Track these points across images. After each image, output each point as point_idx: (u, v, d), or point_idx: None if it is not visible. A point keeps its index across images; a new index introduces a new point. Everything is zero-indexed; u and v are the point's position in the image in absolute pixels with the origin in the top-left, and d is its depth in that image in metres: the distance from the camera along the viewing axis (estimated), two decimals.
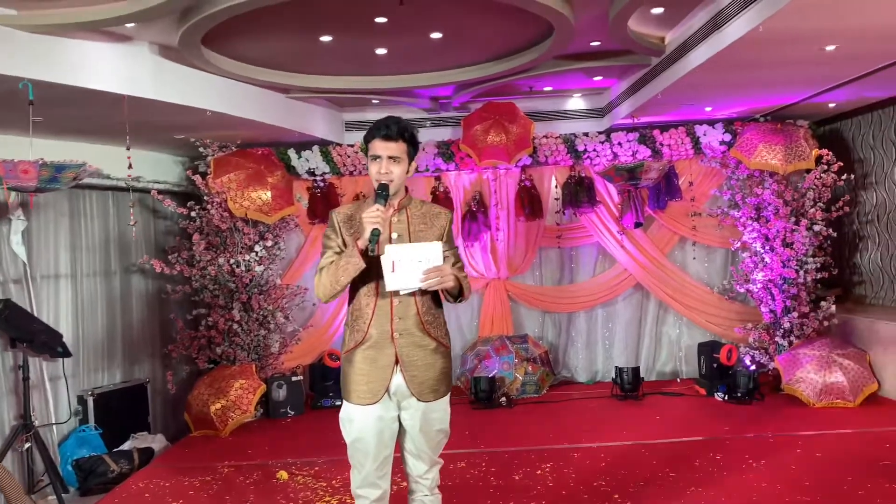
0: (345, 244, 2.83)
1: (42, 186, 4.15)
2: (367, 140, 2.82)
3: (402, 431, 2.90)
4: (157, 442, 6.00)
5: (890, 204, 6.82)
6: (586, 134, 7.13)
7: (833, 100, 6.30)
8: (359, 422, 2.82)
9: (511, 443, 5.41)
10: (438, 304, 2.93)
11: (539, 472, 4.71)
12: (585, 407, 6.52)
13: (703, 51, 4.71)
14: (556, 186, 7.39)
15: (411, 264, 2.68)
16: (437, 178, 7.29)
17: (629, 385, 6.63)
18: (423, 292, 2.81)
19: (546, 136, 7.09)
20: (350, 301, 2.91)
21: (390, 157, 2.76)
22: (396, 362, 2.79)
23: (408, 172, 2.84)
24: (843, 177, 6.53)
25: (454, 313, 7.63)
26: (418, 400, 2.81)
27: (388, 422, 2.83)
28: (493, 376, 6.72)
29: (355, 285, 2.86)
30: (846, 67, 5.06)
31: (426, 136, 7.25)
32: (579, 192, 7.23)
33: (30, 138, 4.50)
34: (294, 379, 6.69)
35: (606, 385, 7.04)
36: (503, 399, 6.61)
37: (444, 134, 7.28)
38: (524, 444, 5.36)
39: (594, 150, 7.05)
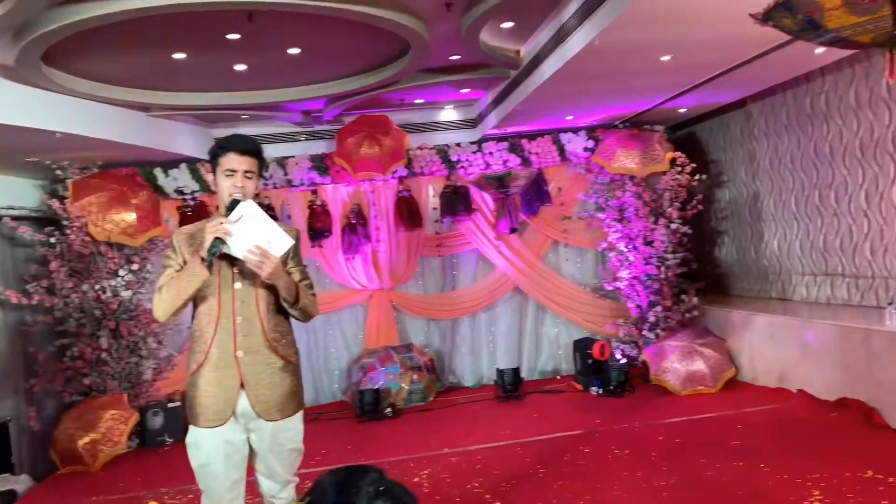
0: (185, 263, 2.76)
1: None
2: (218, 154, 2.75)
3: (252, 452, 2.86)
4: (20, 483, 5.65)
5: (741, 201, 7.36)
6: (459, 144, 7.29)
7: (682, 105, 6.74)
8: (206, 446, 2.75)
9: (393, 453, 5.43)
10: (287, 320, 2.90)
11: (417, 479, 4.76)
12: (469, 411, 6.64)
13: (552, 63, 4.94)
14: (434, 196, 7.52)
15: (252, 231, 2.63)
16: (314, 192, 7.26)
17: (510, 386, 6.81)
18: (267, 308, 2.78)
19: (420, 148, 7.20)
20: (192, 323, 2.85)
21: (246, 172, 2.74)
22: (242, 384, 2.74)
23: (256, 189, 2.82)
24: (697, 177, 6.98)
25: (338, 327, 7.62)
26: (266, 420, 2.77)
27: (236, 445, 2.78)
28: (378, 388, 6.74)
29: (196, 306, 2.80)
30: (684, 76, 5.44)
31: (300, 149, 7.23)
32: (456, 201, 7.39)
33: None
34: (171, 405, 6.47)
35: (492, 388, 7.21)
36: (389, 410, 6.64)
37: (319, 147, 7.27)
38: (406, 453, 5.40)
39: (467, 159, 7.22)
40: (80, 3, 3.74)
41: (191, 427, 2.80)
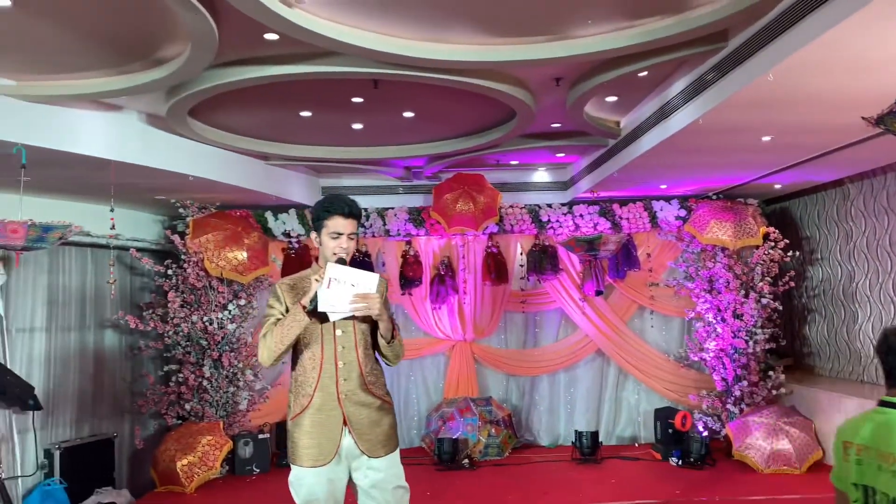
0: (288, 311, 2.98)
1: (29, 245, 4.35)
2: (325, 217, 2.97)
3: (358, 491, 3.04)
4: (121, 497, 6.04)
5: (834, 280, 7.25)
6: (550, 205, 7.53)
7: (779, 181, 6.77)
8: (310, 484, 2.94)
9: (472, 503, 5.56)
10: (379, 364, 3.13)
11: None
12: (546, 469, 6.69)
13: (652, 136, 5.13)
14: (521, 253, 7.73)
15: (345, 286, 2.83)
16: (408, 243, 7.60)
17: (588, 448, 6.83)
18: (365, 353, 3.01)
19: (512, 206, 7.47)
20: (293, 369, 3.07)
21: (350, 234, 2.99)
22: (345, 423, 2.95)
23: (354, 248, 3.07)
24: (790, 253, 6.95)
25: (420, 374, 7.83)
26: (369, 457, 2.97)
27: (337, 484, 2.98)
28: (456, 438, 6.89)
29: (298, 353, 3.02)
30: (784, 155, 5.52)
31: (399, 202, 7.61)
32: (543, 260, 7.57)
33: (20, 197, 4.74)
34: (261, 437, 6.80)
35: (567, 449, 7.23)
36: (466, 461, 6.76)
37: (416, 201, 7.64)
38: None
39: (557, 220, 7.44)
40: (230, 66, 4.21)
41: (294, 467, 3.00)
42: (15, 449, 5.62)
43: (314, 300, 2.84)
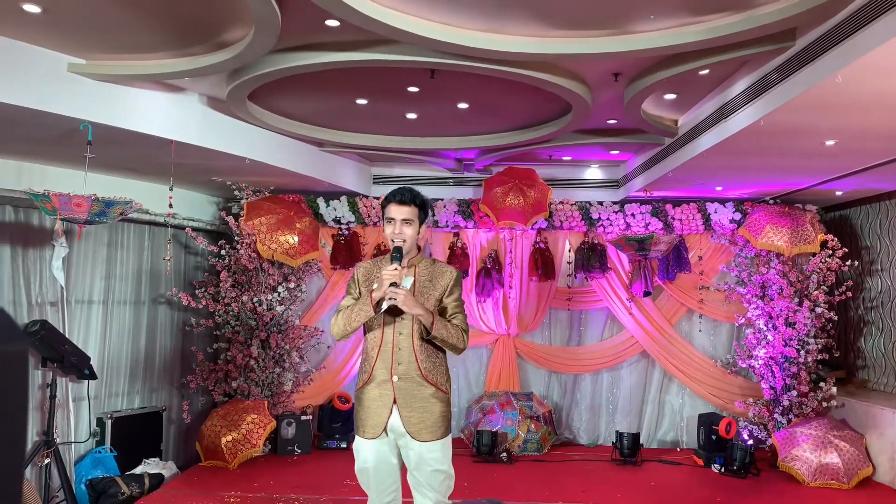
0: (360, 294, 3.24)
1: (91, 219, 4.51)
2: (384, 205, 3.25)
3: (408, 471, 3.21)
4: (167, 468, 6.22)
5: (894, 292, 7.00)
6: (601, 203, 7.45)
7: (840, 188, 6.56)
8: (363, 454, 3.19)
9: (509, 497, 5.55)
10: (440, 353, 3.24)
11: None
12: (584, 468, 6.65)
13: (711, 136, 5.03)
14: (570, 250, 7.67)
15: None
16: (456, 235, 7.62)
17: (628, 450, 6.76)
18: (422, 342, 3.14)
19: (562, 203, 7.41)
20: (363, 345, 3.29)
21: (403, 220, 3.16)
22: (394, 402, 3.12)
23: (419, 233, 3.22)
24: (848, 262, 6.73)
25: (462, 366, 7.84)
26: (413, 439, 3.12)
27: (387, 456, 3.17)
28: (496, 431, 6.89)
29: (366, 332, 3.25)
30: (847, 161, 5.35)
31: (449, 193, 7.62)
32: (591, 258, 7.50)
33: (84, 173, 4.90)
34: (303, 418, 6.92)
35: (607, 449, 7.17)
36: (504, 454, 6.76)
37: (466, 193, 7.64)
38: (523, 499, 5.51)
39: (608, 218, 7.35)
40: (290, 52, 4.27)
41: (356, 436, 3.23)
42: (70, 416, 5.83)
43: (383, 299, 3.04)
